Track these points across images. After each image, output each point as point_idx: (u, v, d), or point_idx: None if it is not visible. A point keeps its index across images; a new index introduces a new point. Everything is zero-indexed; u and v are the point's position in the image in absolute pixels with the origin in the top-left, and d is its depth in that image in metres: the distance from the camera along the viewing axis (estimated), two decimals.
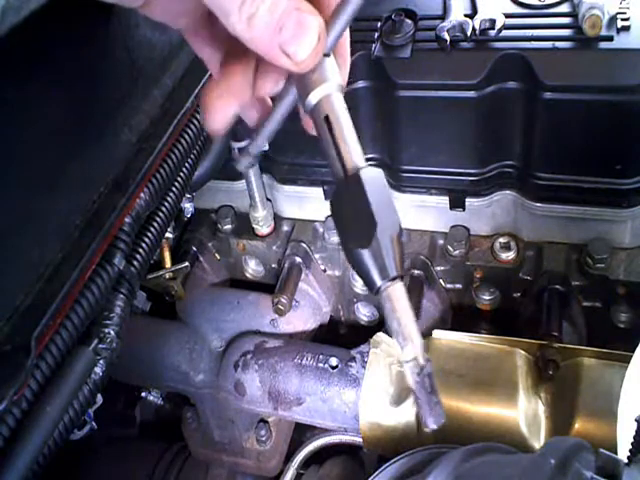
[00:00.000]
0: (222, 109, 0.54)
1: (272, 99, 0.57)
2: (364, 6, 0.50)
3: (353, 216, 0.47)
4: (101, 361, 0.79)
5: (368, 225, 0.46)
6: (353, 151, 0.49)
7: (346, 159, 0.49)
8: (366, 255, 0.46)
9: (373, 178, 0.48)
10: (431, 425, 0.48)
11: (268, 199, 1.47)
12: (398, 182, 1.31)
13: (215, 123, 0.54)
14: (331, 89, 0.50)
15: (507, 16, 1.14)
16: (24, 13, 0.46)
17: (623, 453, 0.64)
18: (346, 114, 0.50)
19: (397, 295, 0.47)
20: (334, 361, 1.29)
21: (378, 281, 0.46)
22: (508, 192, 1.28)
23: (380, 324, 1.49)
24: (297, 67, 0.48)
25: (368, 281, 0.47)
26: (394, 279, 0.46)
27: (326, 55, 0.50)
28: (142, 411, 1.68)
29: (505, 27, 1.13)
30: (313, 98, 0.50)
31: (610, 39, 1.08)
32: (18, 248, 0.69)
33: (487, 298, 1.37)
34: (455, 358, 1.15)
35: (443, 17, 1.19)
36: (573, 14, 1.12)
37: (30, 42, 0.66)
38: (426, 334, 1.24)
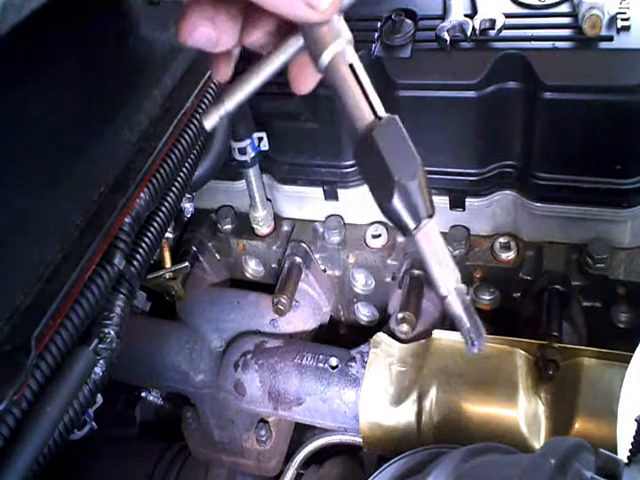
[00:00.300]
0: (200, 29, 0.53)
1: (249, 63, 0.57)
2: (364, 6, 0.51)
3: (396, 154, 0.49)
4: (101, 361, 0.79)
5: (409, 162, 0.49)
6: (377, 99, 0.51)
7: (375, 105, 0.51)
8: (399, 199, 0.48)
9: (400, 122, 0.50)
10: (478, 348, 0.51)
11: (268, 199, 1.47)
12: None
13: (186, 36, 0.53)
14: (346, 42, 0.52)
15: (507, 16, 1.14)
16: (25, 12, 0.46)
17: (623, 453, 0.64)
18: (362, 66, 0.52)
19: (431, 234, 0.49)
20: (334, 361, 1.29)
21: (412, 224, 0.48)
22: (508, 192, 1.28)
23: (380, 324, 1.49)
24: (319, 17, 0.49)
25: (401, 225, 0.49)
26: (426, 219, 0.49)
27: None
28: (142, 411, 1.68)
29: (505, 27, 1.13)
30: (332, 50, 0.51)
31: (610, 39, 1.08)
32: (18, 248, 0.69)
33: (487, 298, 1.37)
34: (455, 358, 1.15)
35: (443, 17, 1.19)
36: (573, 14, 1.12)
37: (30, 42, 0.66)
38: (426, 334, 1.24)
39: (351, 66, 0.51)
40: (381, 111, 0.50)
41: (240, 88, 0.55)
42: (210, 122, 0.56)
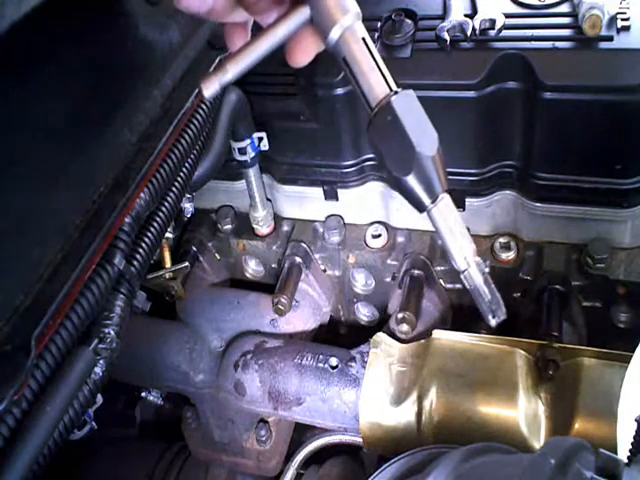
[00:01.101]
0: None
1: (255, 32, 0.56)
2: (364, 6, 0.51)
3: (416, 127, 0.49)
4: (101, 361, 0.79)
5: (428, 135, 0.49)
6: (389, 73, 0.52)
7: (389, 79, 0.51)
8: (418, 172, 0.48)
9: (415, 96, 0.51)
10: (499, 319, 0.51)
11: (268, 199, 1.47)
12: None
13: (188, 5, 0.54)
14: (355, 16, 0.52)
15: (507, 16, 1.14)
16: (25, 8, 0.46)
17: (623, 453, 0.64)
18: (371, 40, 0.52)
19: (446, 211, 0.49)
20: (334, 361, 1.29)
21: (429, 198, 0.48)
22: (508, 192, 1.28)
23: (380, 324, 1.49)
24: None
25: (417, 200, 0.48)
26: (442, 194, 0.49)
27: None
28: (142, 411, 1.68)
29: (505, 27, 1.13)
30: (342, 25, 0.51)
31: (610, 39, 1.08)
32: (18, 248, 0.69)
33: None
34: (455, 358, 1.15)
35: (443, 17, 1.19)
36: (573, 14, 1.12)
37: (30, 42, 0.66)
38: (426, 334, 1.24)
39: (363, 40, 0.51)
40: (395, 85, 0.51)
41: (243, 58, 0.54)
42: (210, 91, 0.55)
